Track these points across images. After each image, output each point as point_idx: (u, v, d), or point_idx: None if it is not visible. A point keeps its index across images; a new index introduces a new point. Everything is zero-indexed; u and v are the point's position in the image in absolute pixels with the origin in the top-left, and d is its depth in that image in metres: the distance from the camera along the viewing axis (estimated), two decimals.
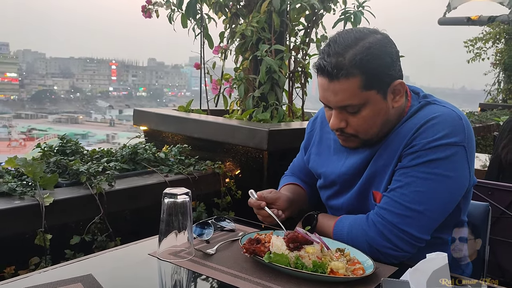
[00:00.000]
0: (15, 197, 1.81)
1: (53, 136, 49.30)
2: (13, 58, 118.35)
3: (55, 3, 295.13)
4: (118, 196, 2.05)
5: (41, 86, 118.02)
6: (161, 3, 2.80)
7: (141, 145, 2.45)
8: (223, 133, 2.52)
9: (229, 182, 2.53)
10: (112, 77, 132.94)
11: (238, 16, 2.98)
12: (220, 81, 3.04)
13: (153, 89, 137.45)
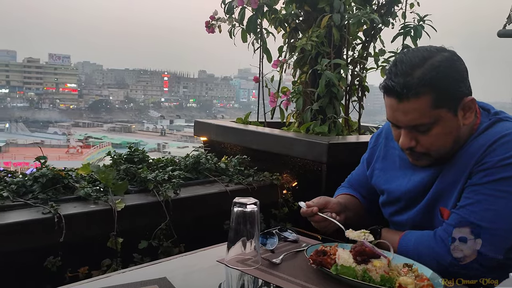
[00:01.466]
0: (90, 201, 1.93)
1: (107, 144, 51.37)
2: (74, 70, 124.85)
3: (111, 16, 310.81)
4: (182, 204, 2.14)
5: (98, 96, 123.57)
6: (224, 19, 2.91)
7: (203, 155, 2.53)
8: (282, 145, 2.56)
9: (287, 193, 2.57)
10: (164, 88, 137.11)
11: (297, 30, 3.03)
12: (277, 94, 3.09)
13: (202, 100, 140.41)
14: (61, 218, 1.75)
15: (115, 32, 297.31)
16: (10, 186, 1.91)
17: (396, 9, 3.08)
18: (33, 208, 1.80)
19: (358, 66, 3.11)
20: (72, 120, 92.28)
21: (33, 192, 1.90)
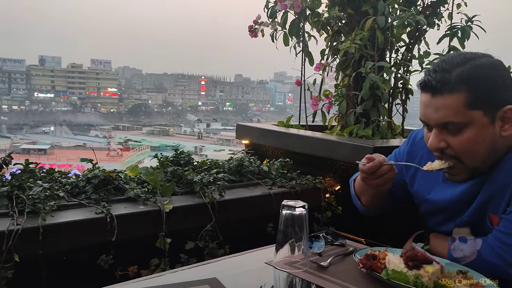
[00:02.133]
0: (139, 202, 1.99)
1: (146, 147, 52.54)
2: (114, 75, 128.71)
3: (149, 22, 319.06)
4: (227, 206, 2.17)
5: (137, 100, 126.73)
6: (267, 23, 2.94)
7: (246, 158, 2.56)
8: (325, 148, 2.55)
9: (330, 197, 2.56)
10: (201, 92, 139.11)
11: (340, 33, 3.02)
12: (319, 97, 3.09)
13: (238, 103, 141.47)
14: (113, 218, 1.81)
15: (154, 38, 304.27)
16: (65, 186, 2.00)
17: (442, 10, 3.01)
18: (86, 208, 1.87)
19: (402, 68, 3.06)
20: (112, 123, 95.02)
21: (86, 193, 1.98)
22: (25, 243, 1.61)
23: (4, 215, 1.68)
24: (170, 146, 57.97)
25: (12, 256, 1.58)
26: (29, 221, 1.66)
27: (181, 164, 2.38)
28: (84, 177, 2.03)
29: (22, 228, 1.61)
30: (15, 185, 1.82)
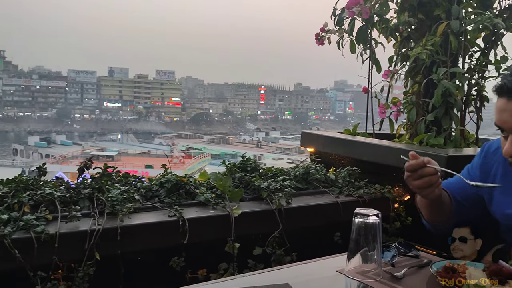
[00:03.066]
0: (209, 207, 2.04)
1: (207, 155, 53.71)
2: (178, 85, 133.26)
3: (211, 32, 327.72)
4: (294, 213, 2.17)
5: (199, 109, 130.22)
6: (334, 31, 2.92)
7: (312, 166, 2.55)
8: (394, 157, 2.48)
9: (399, 207, 2.48)
10: (261, 101, 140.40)
11: (409, 39, 2.93)
12: (387, 105, 3.01)
13: (298, 112, 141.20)
14: (185, 221, 1.87)
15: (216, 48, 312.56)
16: (139, 190, 2.09)
17: None
18: (160, 211, 1.95)
19: (477, 74, 2.92)
20: (175, 131, 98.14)
21: (159, 196, 2.06)
22: (105, 242, 1.71)
23: (86, 216, 1.78)
24: (229, 154, 58.86)
25: (93, 254, 1.67)
26: (109, 221, 1.76)
27: (248, 170, 2.42)
28: (158, 182, 2.12)
29: (103, 228, 1.71)
30: (95, 187, 1.93)
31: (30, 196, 1.77)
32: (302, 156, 45.87)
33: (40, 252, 1.59)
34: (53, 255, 1.61)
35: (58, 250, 1.62)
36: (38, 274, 1.58)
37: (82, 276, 1.65)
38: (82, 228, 1.70)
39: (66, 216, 1.73)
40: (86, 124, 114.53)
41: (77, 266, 1.66)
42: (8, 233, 1.56)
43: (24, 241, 1.58)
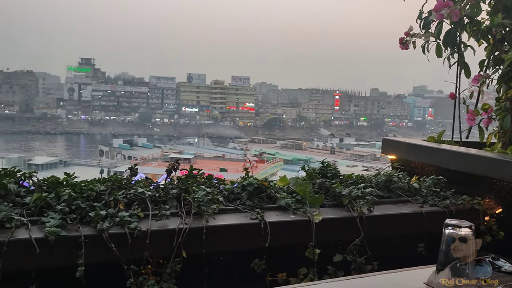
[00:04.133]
0: (289, 211, 2.05)
1: (279, 160, 53.89)
2: (252, 90, 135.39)
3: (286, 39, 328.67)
4: (375, 222, 2.12)
5: (272, 115, 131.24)
6: (419, 34, 2.82)
7: (395, 174, 2.47)
8: (485, 167, 2.34)
9: (490, 220, 2.33)
10: (335, 106, 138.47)
11: (503, 42, 2.76)
12: (476, 112, 2.84)
13: (373, 118, 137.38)
14: (267, 224, 1.90)
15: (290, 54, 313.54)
16: (222, 192, 2.16)
17: None
18: (242, 214, 2.00)
19: None
20: (249, 136, 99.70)
21: (241, 199, 2.12)
22: (191, 241, 1.78)
23: (174, 215, 1.88)
24: (302, 160, 58.62)
25: (180, 252, 1.75)
26: (195, 221, 1.84)
27: (328, 176, 2.40)
28: (240, 184, 2.17)
29: (190, 228, 1.79)
30: (182, 188, 2.03)
31: (124, 195, 1.90)
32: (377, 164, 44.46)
33: (133, 247, 1.70)
34: (145, 251, 1.71)
35: (149, 246, 1.72)
36: (131, 268, 1.69)
37: (170, 272, 1.74)
38: (171, 226, 1.79)
39: (156, 215, 1.83)
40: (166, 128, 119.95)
41: (165, 263, 1.75)
42: (106, 228, 1.68)
43: (119, 236, 1.69)
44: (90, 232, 1.68)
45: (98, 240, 1.67)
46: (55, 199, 1.82)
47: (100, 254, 1.67)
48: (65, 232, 1.64)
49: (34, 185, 1.97)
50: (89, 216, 1.73)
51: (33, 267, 1.60)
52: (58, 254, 1.63)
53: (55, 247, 1.61)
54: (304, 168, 2.45)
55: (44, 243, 1.59)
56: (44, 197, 1.82)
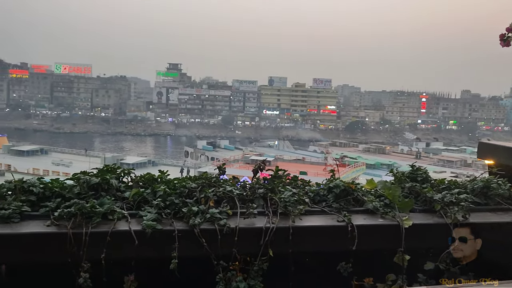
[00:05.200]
0: (377, 215, 2.00)
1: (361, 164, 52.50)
2: (334, 93, 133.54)
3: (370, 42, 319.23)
4: (471, 229, 1.99)
5: (354, 118, 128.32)
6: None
7: (494, 180, 2.31)
8: None
9: None
10: (421, 109, 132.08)
11: None
12: None
13: (464, 122, 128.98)
14: (354, 227, 1.87)
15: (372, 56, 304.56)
16: (307, 194, 2.16)
17: None
18: (328, 216, 1.98)
19: None
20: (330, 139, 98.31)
21: (326, 201, 2.10)
22: (277, 240, 1.81)
23: (261, 214, 1.91)
24: (385, 165, 56.52)
25: (267, 251, 1.78)
26: (281, 221, 1.86)
27: (418, 180, 2.30)
28: (326, 186, 2.16)
29: (276, 227, 1.81)
30: (268, 188, 2.06)
31: (214, 192, 1.97)
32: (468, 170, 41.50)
33: (223, 243, 1.75)
34: (233, 248, 1.76)
35: (237, 243, 1.76)
36: (220, 264, 1.75)
37: (257, 270, 1.77)
38: (258, 225, 1.83)
39: (244, 213, 1.87)
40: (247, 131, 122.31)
41: (252, 260, 1.79)
42: (198, 223, 1.76)
43: (210, 232, 1.76)
44: (183, 227, 1.77)
45: (190, 235, 1.75)
46: (151, 194, 1.94)
47: (192, 248, 1.75)
48: (161, 226, 1.75)
49: (132, 181, 2.12)
50: (182, 212, 1.82)
51: (131, 257, 1.71)
52: (154, 246, 1.73)
53: (151, 239, 1.71)
54: (393, 172, 2.38)
55: (142, 235, 1.70)
56: (141, 192, 1.95)
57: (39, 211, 1.78)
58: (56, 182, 1.95)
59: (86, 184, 1.90)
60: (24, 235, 1.66)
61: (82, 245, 1.64)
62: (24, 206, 1.76)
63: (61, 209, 1.73)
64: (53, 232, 1.67)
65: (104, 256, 1.65)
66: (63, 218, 1.71)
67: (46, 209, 1.78)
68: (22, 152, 53.40)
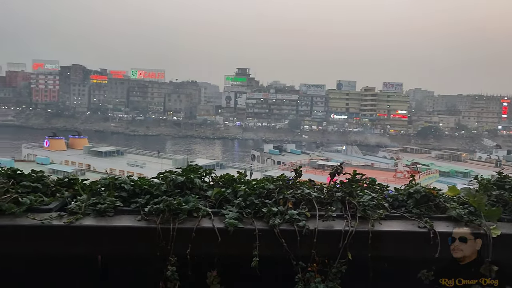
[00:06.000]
0: (461, 223, 1.92)
1: (434, 171, 50.19)
2: (405, 97, 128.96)
3: None
4: None
5: (427, 123, 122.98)
6: None
7: None
8: None
9: None
10: (503, 114, 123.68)
11: None
12: None
13: None
14: (436, 234, 1.81)
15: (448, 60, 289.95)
16: (386, 198, 2.13)
17: None
18: (408, 221, 1.94)
19: None
20: (400, 145, 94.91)
21: (406, 207, 2.06)
22: (356, 244, 1.80)
23: (339, 217, 1.92)
24: (460, 173, 53.59)
25: (346, 254, 1.78)
26: (360, 225, 1.85)
27: (506, 188, 2.19)
28: (405, 192, 2.11)
29: (355, 230, 1.81)
30: (346, 191, 2.06)
31: (292, 194, 2.01)
32: None
33: (301, 244, 1.78)
34: (312, 249, 1.78)
35: (316, 245, 1.78)
36: (299, 264, 1.78)
37: (335, 272, 1.78)
38: (337, 227, 1.84)
39: (322, 215, 1.89)
40: (313, 135, 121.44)
41: (331, 262, 1.80)
42: (278, 223, 1.80)
43: (289, 233, 1.80)
44: (263, 227, 1.82)
45: (269, 235, 1.79)
46: (232, 194, 2.02)
47: (271, 248, 1.80)
48: (242, 224, 1.81)
49: (213, 180, 2.21)
50: (261, 212, 1.88)
51: (214, 253, 1.79)
52: (235, 244, 1.79)
53: (233, 237, 1.78)
54: (477, 178, 2.28)
55: (224, 232, 1.78)
56: (222, 192, 2.03)
57: (130, 207, 1.92)
58: (144, 180, 2.09)
59: (172, 183, 2.01)
60: (117, 228, 1.79)
61: (169, 239, 1.74)
62: (117, 201, 1.91)
63: (150, 205, 1.85)
64: (144, 226, 1.79)
65: (189, 252, 1.74)
66: (152, 214, 1.82)
67: (136, 205, 1.91)
68: (101, 153, 56.93)
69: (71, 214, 1.82)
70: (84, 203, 1.88)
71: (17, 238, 1.74)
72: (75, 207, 1.86)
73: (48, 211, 1.85)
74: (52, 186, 2.12)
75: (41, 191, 2.03)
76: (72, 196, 2.03)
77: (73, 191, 2.09)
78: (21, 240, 1.74)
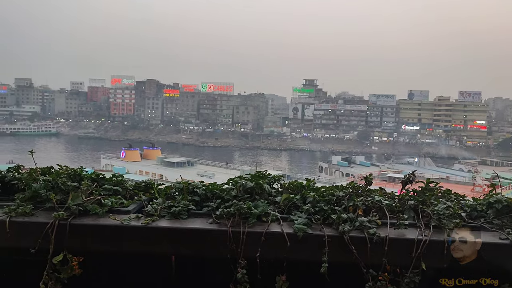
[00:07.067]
0: None
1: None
2: (484, 106, 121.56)
3: None
4: None
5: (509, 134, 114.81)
6: None
7: None
8: None
9: None
10: None
11: None
12: None
13: None
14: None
15: None
16: (463, 208, 2.02)
17: None
18: (488, 232, 1.83)
19: None
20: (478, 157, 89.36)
21: (485, 217, 1.95)
22: (431, 254, 1.73)
23: (411, 226, 1.85)
24: None
25: (419, 264, 1.72)
26: (435, 234, 1.77)
27: None
28: (485, 201, 2.00)
29: (429, 240, 1.74)
30: (419, 200, 1.99)
31: (362, 201, 1.97)
32: None
33: (372, 252, 1.74)
34: (383, 257, 1.74)
35: (387, 253, 1.74)
36: (370, 272, 1.74)
37: (408, 282, 1.72)
38: (409, 236, 1.78)
39: (394, 224, 1.84)
40: (384, 146, 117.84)
41: (403, 272, 1.74)
42: (347, 230, 1.78)
43: (359, 240, 1.77)
44: (332, 233, 1.80)
45: (339, 241, 1.77)
46: (300, 200, 2.03)
47: (340, 254, 1.78)
48: (311, 230, 1.81)
49: (281, 187, 2.23)
50: (331, 218, 1.87)
51: (282, 258, 1.80)
52: (304, 249, 1.80)
53: (301, 242, 1.78)
54: None
55: (293, 237, 1.78)
56: (291, 198, 2.04)
57: (202, 210, 1.99)
58: (215, 185, 2.16)
59: (243, 188, 2.06)
60: (190, 229, 1.86)
61: (239, 242, 1.78)
62: (190, 204, 1.99)
63: (221, 209, 1.90)
64: (215, 229, 1.85)
65: (259, 255, 1.77)
66: (223, 217, 1.88)
67: (208, 208, 1.97)
68: (172, 163, 59.25)
69: (148, 216, 1.93)
70: (159, 206, 1.98)
71: (100, 236, 1.87)
72: (151, 210, 1.96)
73: (127, 212, 1.97)
74: (130, 189, 2.26)
75: (121, 194, 2.17)
76: (148, 200, 2.15)
77: (150, 195, 2.22)
78: (104, 238, 1.87)
